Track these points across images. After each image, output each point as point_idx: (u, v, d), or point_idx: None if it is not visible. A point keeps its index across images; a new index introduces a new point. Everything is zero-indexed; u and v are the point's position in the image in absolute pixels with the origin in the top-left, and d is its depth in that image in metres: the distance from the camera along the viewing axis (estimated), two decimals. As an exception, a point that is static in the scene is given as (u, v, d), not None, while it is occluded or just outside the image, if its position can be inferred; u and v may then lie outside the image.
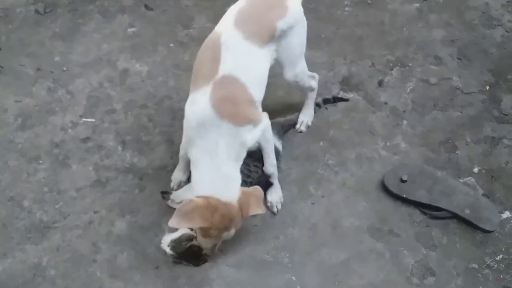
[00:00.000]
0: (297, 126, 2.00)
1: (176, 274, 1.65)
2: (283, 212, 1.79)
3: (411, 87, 2.17)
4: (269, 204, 1.78)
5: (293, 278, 1.65)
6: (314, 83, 1.93)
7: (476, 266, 1.66)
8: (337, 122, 2.03)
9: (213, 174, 1.47)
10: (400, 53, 2.29)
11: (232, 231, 1.51)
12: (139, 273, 1.64)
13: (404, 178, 1.80)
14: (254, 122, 1.53)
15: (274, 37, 1.59)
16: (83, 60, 2.24)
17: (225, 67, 1.48)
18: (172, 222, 1.40)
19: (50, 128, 2.01)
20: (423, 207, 1.78)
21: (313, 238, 1.73)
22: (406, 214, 1.79)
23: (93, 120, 2.03)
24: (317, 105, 2.04)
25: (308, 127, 2.01)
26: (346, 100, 2.10)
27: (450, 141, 1.98)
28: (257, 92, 1.57)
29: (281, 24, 1.59)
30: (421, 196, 1.78)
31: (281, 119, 2.00)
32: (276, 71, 1.72)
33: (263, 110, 1.63)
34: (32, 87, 2.14)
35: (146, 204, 1.78)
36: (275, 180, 1.78)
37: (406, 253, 1.70)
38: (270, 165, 1.72)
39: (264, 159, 1.72)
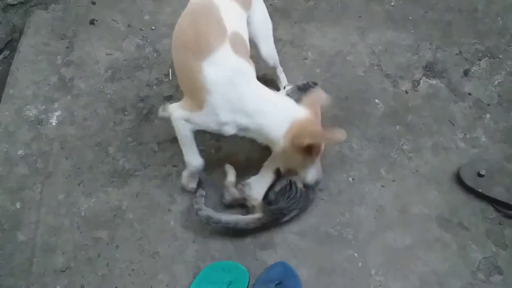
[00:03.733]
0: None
1: (243, 234, 1.72)
2: (350, 190, 1.81)
3: (499, 80, 2.06)
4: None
5: (356, 255, 1.68)
6: None
7: (548, 271, 1.61)
8: (416, 107, 1.99)
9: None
10: (491, 44, 2.17)
11: None
12: (208, 228, 1.73)
13: (482, 172, 1.74)
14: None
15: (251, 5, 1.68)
16: (171, 21, 2.31)
17: (230, 25, 1.51)
18: None
19: (137, 82, 2.12)
20: (498, 204, 1.73)
21: (379, 220, 1.74)
22: (479, 209, 1.75)
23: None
24: None
25: None
26: None
27: (535, 141, 1.89)
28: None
29: None
30: (498, 193, 1.72)
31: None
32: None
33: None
34: (122, 42, 2.25)
35: (221, 164, 1.84)
36: None
37: (474, 248, 1.67)
38: None
39: None
